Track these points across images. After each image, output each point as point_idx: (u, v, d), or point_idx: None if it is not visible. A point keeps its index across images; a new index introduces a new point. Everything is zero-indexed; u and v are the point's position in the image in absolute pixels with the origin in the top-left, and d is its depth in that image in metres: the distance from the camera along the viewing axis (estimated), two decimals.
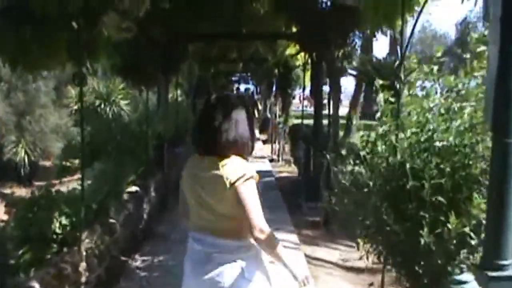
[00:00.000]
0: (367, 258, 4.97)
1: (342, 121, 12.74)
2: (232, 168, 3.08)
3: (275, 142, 19.62)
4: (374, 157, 4.54)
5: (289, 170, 16.03)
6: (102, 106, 22.02)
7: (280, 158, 17.71)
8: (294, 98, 19.01)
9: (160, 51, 10.70)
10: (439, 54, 4.38)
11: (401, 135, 4.47)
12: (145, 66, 10.10)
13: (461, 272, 3.18)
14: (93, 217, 6.89)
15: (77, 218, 6.02)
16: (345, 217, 6.45)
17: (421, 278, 4.14)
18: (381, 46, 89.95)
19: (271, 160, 18.44)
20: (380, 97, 4.80)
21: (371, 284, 5.61)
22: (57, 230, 5.87)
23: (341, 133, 13.06)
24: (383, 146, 4.48)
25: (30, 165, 23.29)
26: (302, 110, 12.87)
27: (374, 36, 9.68)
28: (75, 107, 22.89)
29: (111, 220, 7.19)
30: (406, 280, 4.50)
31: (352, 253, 7.98)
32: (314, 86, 11.15)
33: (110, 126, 11.00)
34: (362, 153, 4.58)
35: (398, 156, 4.24)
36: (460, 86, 4.05)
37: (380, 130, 4.62)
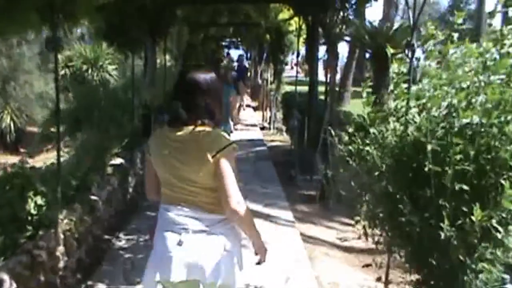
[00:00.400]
0: (367, 238, 4.65)
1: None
2: (211, 139, 3.03)
3: (266, 110, 19.10)
4: (385, 135, 4.02)
5: (281, 139, 15.54)
6: (90, 71, 21.60)
7: (272, 126, 17.18)
8: (286, 64, 18.40)
9: (147, 14, 10.09)
10: (460, 21, 3.82)
11: (414, 110, 3.96)
12: (131, 30, 9.52)
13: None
14: (73, 194, 6.40)
15: (54, 197, 5.51)
16: (344, 193, 6.05)
17: (435, 271, 3.69)
18: (372, 12, 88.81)
19: (262, 128, 17.93)
20: (394, 68, 4.25)
21: (379, 279, 5.14)
22: (32, 211, 5.36)
23: None
24: (396, 124, 3.97)
25: (16, 132, 22.85)
26: (296, 77, 12.28)
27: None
28: (62, 72, 22.36)
29: (93, 197, 6.68)
30: (416, 271, 4.04)
31: (350, 232, 7.55)
32: (309, 53, 10.60)
33: (94, 93, 10.45)
34: (372, 130, 4.06)
35: (412, 134, 3.73)
36: (487, 56, 3.50)
37: (392, 104, 4.10)
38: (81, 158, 7.77)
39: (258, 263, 3.29)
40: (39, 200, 5.43)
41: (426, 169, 3.42)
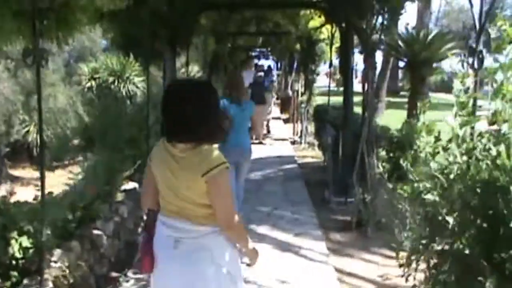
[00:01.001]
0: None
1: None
2: (200, 158, 3.02)
3: (296, 122, 18.14)
4: (448, 169, 3.06)
5: (313, 154, 14.56)
6: (116, 83, 21.10)
7: (303, 141, 16.22)
8: (318, 75, 17.43)
9: (165, 22, 9.26)
10: None
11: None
12: (149, 39, 8.68)
13: None
14: (73, 229, 5.57)
15: (45, 235, 4.66)
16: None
17: None
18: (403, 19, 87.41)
19: (293, 142, 16.98)
20: (456, 83, 3.29)
21: None
22: (16, 255, 4.51)
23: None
24: (464, 157, 3.00)
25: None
26: (329, 88, 11.34)
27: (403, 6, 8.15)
28: (87, 84, 21.76)
29: (96, 232, 5.81)
30: None
31: (392, 267, 6.56)
32: (343, 62, 9.66)
33: (109, 108, 9.65)
34: (432, 164, 3.11)
35: (488, 172, 2.76)
36: None
37: (459, 131, 3.14)
38: (90, 182, 6.97)
39: (248, 264, 3.49)
40: (25, 242, 4.58)
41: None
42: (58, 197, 6.07)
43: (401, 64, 19.07)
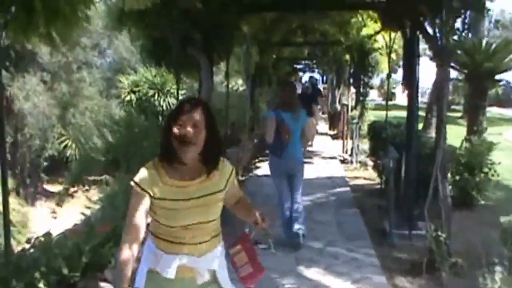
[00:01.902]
0: None
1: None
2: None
3: (346, 139, 16.71)
4: None
5: (366, 175, 13.12)
6: (156, 96, 20.30)
7: (354, 159, 14.78)
8: (371, 88, 16.03)
9: (200, 25, 8.05)
10: None
11: None
12: (180, 44, 7.47)
13: None
14: (78, 279, 4.35)
15: None
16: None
17: None
18: None
19: (343, 161, 15.55)
20: None
21: None
22: None
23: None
24: None
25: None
26: (387, 103, 9.96)
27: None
28: (127, 98, 20.90)
29: (103, 285, 4.56)
30: None
31: None
32: (407, 73, 8.27)
33: (135, 125, 8.45)
34: None
35: None
36: None
37: None
38: (106, 216, 5.77)
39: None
40: None
41: None
42: (56, 240, 4.87)
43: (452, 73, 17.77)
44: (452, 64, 15.48)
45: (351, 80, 17.47)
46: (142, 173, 2.89)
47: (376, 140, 11.23)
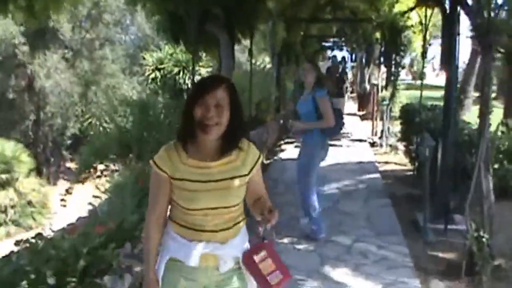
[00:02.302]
0: None
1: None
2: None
3: (376, 120, 15.96)
4: None
5: (397, 160, 12.42)
6: (181, 74, 19.89)
7: (384, 143, 14.07)
8: (403, 68, 15.18)
9: (221, 2, 7.42)
10: None
11: None
12: (197, 20, 6.83)
13: None
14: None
15: None
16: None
17: None
18: None
19: (372, 144, 14.83)
20: None
21: None
22: None
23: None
24: None
25: None
26: (421, 84, 9.23)
27: None
28: (152, 75, 20.48)
29: None
30: None
31: None
32: (445, 52, 7.54)
33: (152, 107, 7.84)
34: None
35: None
36: None
37: None
38: (114, 211, 5.24)
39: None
40: None
41: None
42: (52, 240, 4.32)
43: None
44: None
45: (382, 59, 16.64)
46: (162, 153, 2.79)
47: (409, 124, 10.52)
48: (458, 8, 7.04)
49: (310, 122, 6.76)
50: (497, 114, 11.68)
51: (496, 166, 8.62)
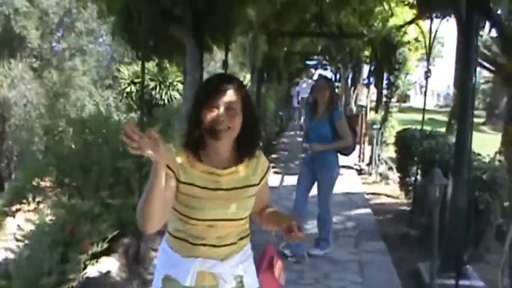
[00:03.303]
0: None
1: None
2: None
3: (363, 144, 14.55)
4: None
5: (388, 191, 11.04)
6: (157, 89, 19.40)
7: (373, 171, 12.71)
8: (397, 88, 13.80)
9: (189, 3, 6.07)
10: None
11: None
12: (161, 24, 5.49)
13: None
14: None
15: None
16: None
17: None
18: None
19: (359, 172, 13.47)
20: None
21: None
22: None
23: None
24: None
25: None
26: (424, 108, 7.90)
27: None
28: (127, 89, 20.01)
29: None
30: None
31: None
32: (461, 71, 6.19)
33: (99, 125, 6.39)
34: None
35: None
36: None
37: None
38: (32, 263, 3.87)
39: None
40: None
41: None
42: None
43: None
44: (485, 64, 13.31)
45: (371, 79, 15.37)
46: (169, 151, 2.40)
47: (406, 153, 9.16)
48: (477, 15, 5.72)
49: (328, 144, 6.60)
50: (486, 141, 10.37)
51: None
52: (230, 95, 2.44)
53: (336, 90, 20.05)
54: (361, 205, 9.75)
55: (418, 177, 7.96)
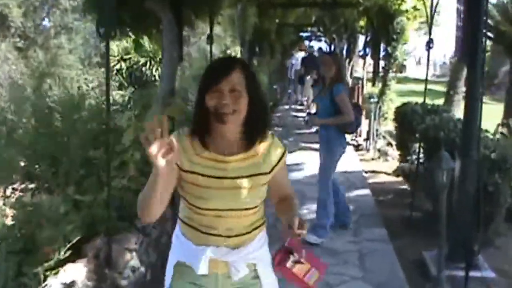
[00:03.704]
0: None
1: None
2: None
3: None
4: None
5: (387, 169, 10.45)
6: (148, 65, 18.36)
7: (371, 146, 12.15)
8: (395, 60, 13.10)
9: None
10: None
11: None
12: None
13: None
14: None
15: None
16: None
17: None
18: None
19: (357, 147, 12.89)
20: None
21: None
22: None
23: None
24: None
25: None
26: (426, 80, 7.30)
27: None
28: (117, 66, 18.73)
29: None
30: None
31: None
32: (470, 38, 5.57)
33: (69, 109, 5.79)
34: None
35: None
36: None
37: None
38: None
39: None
40: None
41: None
42: None
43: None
44: (490, 35, 12.75)
45: (367, 50, 14.72)
46: (173, 138, 2.08)
47: (406, 129, 8.58)
48: None
49: (327, 119, 6.48)
50: (487, 112, 9.84)
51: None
52: (233, 77, 2.35)
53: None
54: (359, 185, 9.18)
55: (421, 156, 7.37)
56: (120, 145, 4.93)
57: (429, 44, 7.05)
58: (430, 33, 7.20)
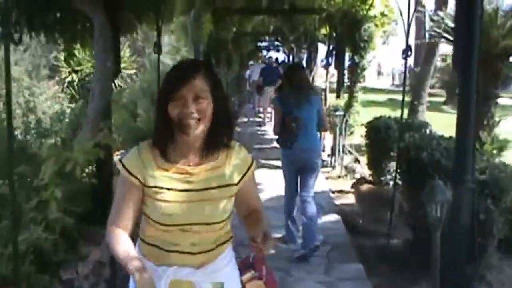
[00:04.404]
0: None
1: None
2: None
3: (324, 137, 13.01)
4: None
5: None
6: None
7: (336, 162, 11.25)
8: (364, 69, 12.26)
9: None
10: None
11: None
12: None
13: None
14: None
15: None
16: None
17: None
18: None
19: (322, 165, 11.97)
20: None
21: None
22: None
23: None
24: None
25: None
26: (404, 91, 6.46)
27: None
28: (68, 78, 18.38)
29: None
30: None
31: None
32: (464, 45, 4.70)
33: None
34: None
35: None
36: None
37: None
38: None
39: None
40: None
41: None
42: None
43: None
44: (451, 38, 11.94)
45: (330, 60, 13.93)
46: (132, 154, 2.34)
47: (380, 147, 7.71)
48: None
49: None
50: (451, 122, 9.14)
51: None
52: (197, 84, 2.22)
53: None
54: (327, 209, 8.27)
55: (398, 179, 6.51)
56: (38, 180, 3.96)
57: (407, 52, 6.26)
58: (407, 40, 6.38)
